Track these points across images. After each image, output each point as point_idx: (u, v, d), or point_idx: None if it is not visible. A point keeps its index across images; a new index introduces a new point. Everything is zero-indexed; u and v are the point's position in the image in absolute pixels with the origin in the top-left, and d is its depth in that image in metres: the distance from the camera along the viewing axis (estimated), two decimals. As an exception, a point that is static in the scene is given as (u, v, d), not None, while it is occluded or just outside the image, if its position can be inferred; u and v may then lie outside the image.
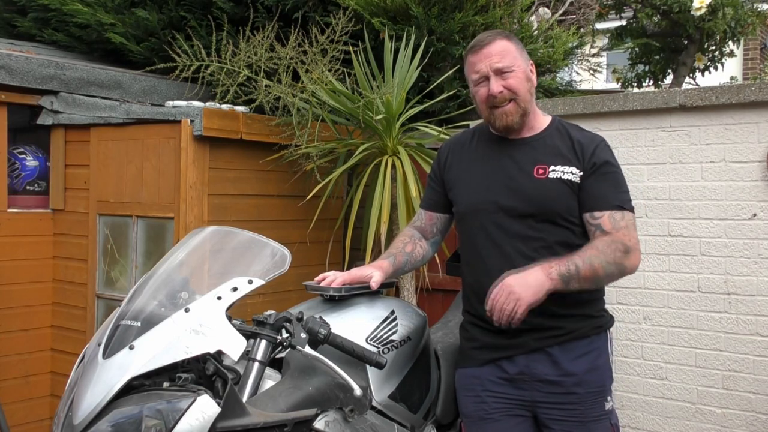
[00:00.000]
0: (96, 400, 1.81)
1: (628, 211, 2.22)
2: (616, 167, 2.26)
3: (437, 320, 2.97)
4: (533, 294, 2.06)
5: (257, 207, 3.84)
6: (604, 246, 2.15)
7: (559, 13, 5.63)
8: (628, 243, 2.17)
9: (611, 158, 2.25)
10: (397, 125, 3.67)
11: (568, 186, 2.22)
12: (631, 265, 2.19)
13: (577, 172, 2.22)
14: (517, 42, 2.29)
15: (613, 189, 2.22)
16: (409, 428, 2.42)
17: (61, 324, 3.99)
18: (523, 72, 2.25)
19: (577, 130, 2.32)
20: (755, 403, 3.29)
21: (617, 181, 2.24)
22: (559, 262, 2.12)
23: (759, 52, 10.95)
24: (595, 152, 2.23)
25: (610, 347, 2.32)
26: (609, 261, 2.14)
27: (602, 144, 2.27)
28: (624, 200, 2.23)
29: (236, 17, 4.56)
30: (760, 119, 3.30)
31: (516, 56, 2.25)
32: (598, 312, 2.32)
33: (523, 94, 2.24)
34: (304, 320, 2.08)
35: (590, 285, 2.16)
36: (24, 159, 3.97)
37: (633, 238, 2.19)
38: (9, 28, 5.75)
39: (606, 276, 2.16)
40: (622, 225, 2.19)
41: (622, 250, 2.16)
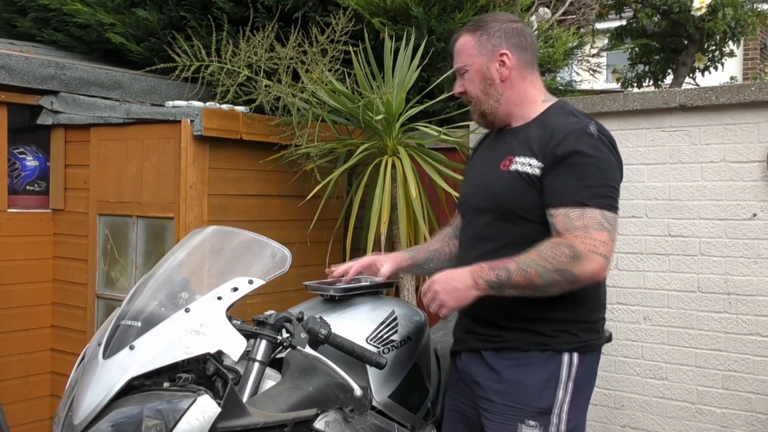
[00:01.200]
0: (96, 400, 1.82)
1: (592, 208, 1.88)
2: (589, 157, 1.92)
3: (437, 320, 2.97)
4: (456, 300, 1.96)
5: (257, 207, 3.84)
6: (547, 250, 1.88)
7: (559, 13, 5.62)
8: (578, 247, 1.85)
9: (585, 148, 1.93)
10: (397, 125, 3.67)
11: (525, 180, 1.98)
12: (583, 272, 1.86)
13: (537, 164, 1.97)
14: (482, 33, 2.10)
15: (574, 182, 1.91)
16: (409, 428, 2.42)
17: (61, 324, 3.98)
18: (477, 71, 2.10)
19: (566, 116, 2.05)
20: (755, 403, 3.29)
21: (585, 173, 1.92)
22: (492, 266, 1.92)
23: (759, 52, 10.95)
24: (563, 142, 1.95)
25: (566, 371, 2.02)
26: (549, 268, 1.86)
27: (579, 133, 1.96)
28: (588, 195, 1.89)
29: (236, 17, 4.56)
30: (760, 119, 3.30)
31: (472, 53, 2.10)
32: (553, 331, 2.02)
33: (475, 95, 2.12)
34: (304, 320, 2.08)
35: (531, 293, 1.91)
36: (24, 159, 3.97)
37: (590, 240, 1.86)
38: (9, 28, 5.75)
39: (547, 285, 1.88)
40: (578, 225, 1.87)
41: (567, 255, 1.85)
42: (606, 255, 1.87)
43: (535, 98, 2.12)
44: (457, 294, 1.96)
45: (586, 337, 2.05)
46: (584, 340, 2.05)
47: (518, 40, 2.11)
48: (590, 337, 2.07)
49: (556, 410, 2.01)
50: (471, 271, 1.96)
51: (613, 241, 1.90)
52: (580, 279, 1.88)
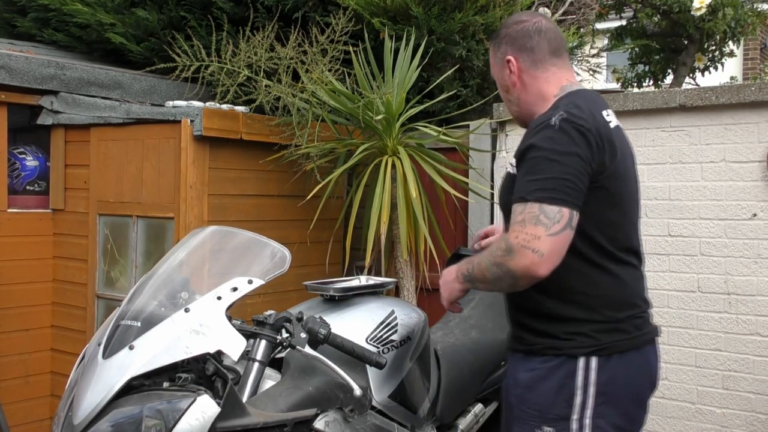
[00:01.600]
0: (96, 400, 1.82)
1: (531, 202, 1.84)
2: (543, 150, 1.88)
3: (437, 320, 2.97)
4: (448, 292, 2.11)
5: (257, 207, 3.84)
6: (493, 245, 1.94)
7: (559, 13, 5.62)
8: (511, 241, 1.84)
9: (538, 141, 1.89)
10: (397, 125, 3.67)
11: (510, 179, 2.02)
12: (516, 267, 1.83)
13: (513, 163, 2.01)
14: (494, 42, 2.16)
15: (523, 178, 1.90)
16: (409, 428, 2.42)
17: (61, 324, 3.98)
18: (498, 81, 2.20)
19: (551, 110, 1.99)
20: (755, 403, 3.29)
21: (533, 167, 1.88)
22: (469, 260, 2.03)
23: (759, 52, 10.95)
24: (526, 137, 1.96)
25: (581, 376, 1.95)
26: (491, 262, 1.91)
27: (540, 126, 1.92)
28: (529, 190, 1.86)
29: (236, 17, 4.56)
30: (760, 119, 3.30)
31: (492, 64, 2.20)
32: (565, 334, 1.96)
33: (505, 102, 2.22)
34: (304, 320, 2.08)
35: (489, 287, 2.04)
36: (24, 159, 3.97)
37: (524, 235, 1.82)
38: (9, 28, 5.75)
39: (494, 279, 1.91)
40: (518, 219, 1.86)
41: (502, 249, 1.86)
42: (538, 250, 1.81)
43: (547, 95, 2.08)
44: (447, 286, 2.11)
45: (606, 338, 1.96)
46: (603, 343, 1.95)
47: (522, 42, 2.09)
48: (614, 339, 1.97)
49: (575, 416, 1.94)
50: (457, 266, 2.08)
51: (552, 235, 1.81)
52: (516, 274, 1.85)
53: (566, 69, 2.12)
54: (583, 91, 2.07)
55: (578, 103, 1.97)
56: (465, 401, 2.70)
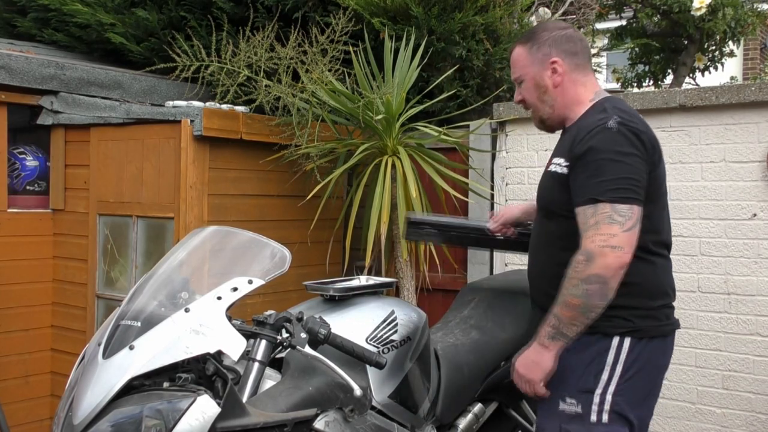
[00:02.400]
0: (96, 400, 1.82)
1: (604, 202, 1.94)
2: (605, 153, 1.98)
3: (437, 320, 2.97)
4: (541, 371, 2.05)
5: (257, 207, 3.84)
6: (569, 271, 1.97)
7: (559, 13, 5.63)
8: (588, 247, 1.93)
9: (601, 144, 1.99)
10: (397, 125, 3.67)
11: (556, 179, 2.10)
12: (604, 269, 1.91)
13: (564, 163, 2.08)
14: (532, 43, 2.21)
15: (589, 179, 1.98)
16: (409, 428, 2.42)
17: (61, 324, 3.98)
18: (531, 80, 2.21)
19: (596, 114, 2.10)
20: (755, 403, 3.29)
21: (599, 169, 1.97)
22: (544, 323, 2.03)
23: (759, 52, 10.95)
24: (584, 139, 2.03)
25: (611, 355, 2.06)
26: (576, 284, 1.94)
27: (597, 128, 2.02)
28: (600, 190, 1.95)
29: (236, 17, 4.56)
30: (760, 119, 3.30)
31: (525, 63, 2.21)
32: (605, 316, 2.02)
33: (533, 103, 2.24)
34: (304, 320, 2.08)
35: (584, 317, 1.96)
36: (24, 159, 3.97)
37: (599, 236, 1.92)
38: (9, 28, 5.75)
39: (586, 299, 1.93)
40: (591, 224, 1.95)
41: (582, 261, 1.93)
42: (619, 246, 1.92)
43: (583, 99, 2.19)
44: (538, 366, 2.05)
45: (641, 323, 2.09)
46: (638, 326, 2.08)
47: (568, 46, 2.19)
48: (647, 324, 2.10)
49: (598, 390, 2.05)
50: (535, 340, 2.07)
51: (627, 231, 1.93)
52: (605, 276, 1.92)
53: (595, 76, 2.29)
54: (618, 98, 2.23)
55: (623, 107, 2.10)
56: (465, 401, 2.70)
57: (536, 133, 3.84)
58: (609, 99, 2.18)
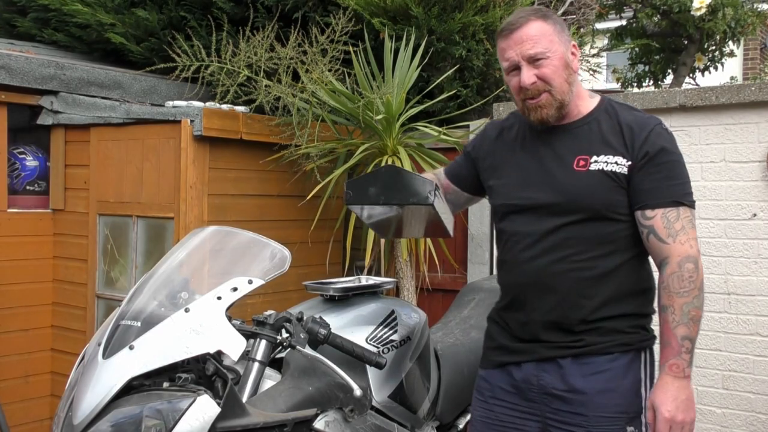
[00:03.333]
0: (96, 400, 1.82)
1: (685, 206, 1.92)
2: (675, 155, 1.94)
3: (437, 320, 2.97)
4: (693, 406, 1.87)
5: (257, 207, 3.84)
6: (679, 284, 1.87)
7: (559, 13, 5.62)
8: (691, 253, 1.89)
9: (669, 144, 1.94)
10: (397, 125, 3.67)
11: (612, 179, 1.93)
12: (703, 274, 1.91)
13: (624, 162, 1.93)
14: (555, 21, 1.99)
15: (667, 181, 1.91)
16: (409, 428, 2.42)
17: (61, 324, 3.98)
18: (560, 58, 1.96)
19: (628, 111, 2.02)
20: (755, 403, 3.29)
21: (674, 171, 1.93)
22: (675, 352, 1.85)
23: (759, 52, 10.94)
24: (649, 138, 1.93)
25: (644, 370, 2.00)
26: (697, 294, 1.87)
27: (657, 128, 1.95)
28: (680, 194, 1.92)
29: (236, 17, 4.56)
30: (760, 119, 3.30)
31: (553, 39, 1.95)
32: (631, 327, 1.98)
33: (559, 84, 1.96)
34: (304, 320, 2.08)
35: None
36: (24, 159, 3.97)
37: (693, 240, 1.90)
38: (9, 28, 5.75)
39: (702, 308, 1.90)
40: (678, 228, 1.90)
41: (694, 270, 1.88)
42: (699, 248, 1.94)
43: (584, 94, 2.07)
44: (689, 400, 1.86)
45: (652, 331, 2.04)
46: (653, 335, 2.03)
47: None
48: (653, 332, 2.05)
49: (644, 410, 1.96)
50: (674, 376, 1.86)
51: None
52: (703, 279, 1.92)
53: None
54: None
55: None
56: (465, 401, 2.70)
57: (536, 133, 3.84)
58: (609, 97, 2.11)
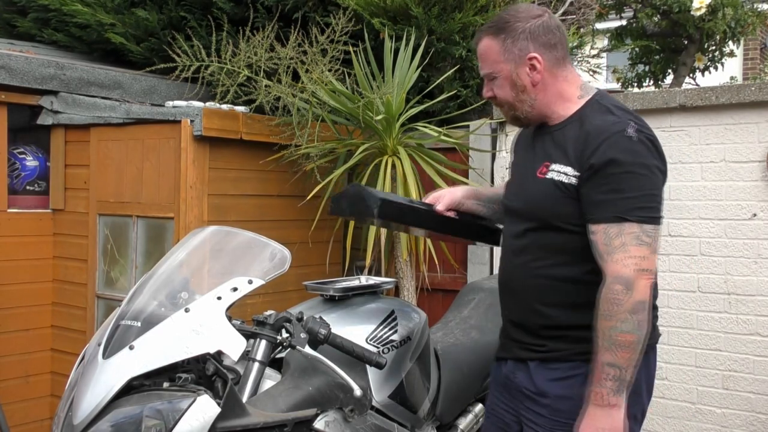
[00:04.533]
0: (96, 400, 1.82)
1: (631, 222, 1.77)
2: (627, 166, 1.79)
3: (437, 320, 2.97)
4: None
5: (257, 207, 3.84)
6: (605, 306, 1.77)
7: (559, 13, 5.62)
8: (623, 273, 1.76)
9: (622, 155, 1.80)
10: (397, 125, 3.67)
11: (561, 189, 1.88)
12: (643, 294, 1.76)
13: (572, 173, 1.86)
14: (506, 36, 1.93)
15: (613, 194, 1.80)
16: (409, 428, 2.42)
17: (61, 324, 3.98)
18: (505, 78, 1.95)
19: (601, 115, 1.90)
20: (755, 403, 3.29)
21: (623, 184, 1.79)
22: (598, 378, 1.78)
23: (759, 52, 10.94)
24: (599, 148, 1.82)
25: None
26: (624, 319, 1.75)
27: (616, 136, 1.82)
28: (626, 209, 1.78)
29: (236, 17, 4.56)
30: (760, 119, 3.30)
31: (497, 58, 1.95)
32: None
33: (506, 101, 1.98)
34: (304, 320, 2.08)
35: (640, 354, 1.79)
36: (24, 159, 3.97)
37: (632, 260, 1.76)
38: (9, 28, 5.75)
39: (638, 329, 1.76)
40: (616, 245, 1.77)
41: (622, 292, 1.76)
42: (648, 269, 1.78)
43: (570, 95, 1.97)
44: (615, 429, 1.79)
45: None
46: None
47: (546, 38, 1.94)
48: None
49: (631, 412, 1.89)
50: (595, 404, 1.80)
51: (654, 253, 1.80)
52: (646, 302, 1.78)
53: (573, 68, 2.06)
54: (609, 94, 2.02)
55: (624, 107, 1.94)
56: (465, 401, 2.70)
57: (536, 133, 3.84)
58: (603, 96, 1.98)
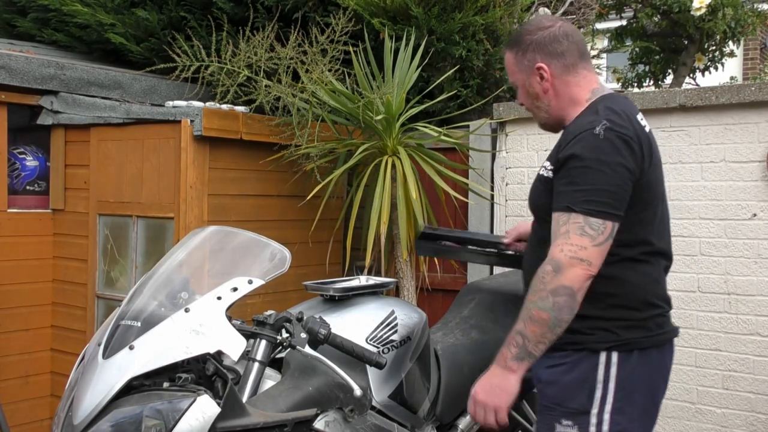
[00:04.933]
0: (96, 400, 1.82)
1: (576, 213, 1.85)
2: (585, 160, 1.87)
3: (437, 320, 2.97)
4: (507, 396, 1.90)
5: (257, 207, 3.84)
6: (534, 282, 1.86)
7: (559, 13, 5.63)
8: (556, 257, 1.83)
9: (583, 150, 1.88)
10: (397, 125, 3.67)
11: (543, 182, 2.02)
12: (571, 281, 1.82)
13: (550, 167, 1.99)
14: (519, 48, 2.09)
15: (568, 186, 1.89)
16: (409, 428, 2.42)
17: (61, 324, 3.98)
18: (521, 87, 2.12)
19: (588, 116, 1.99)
20: (755, 403, 3.29)
21: (578, 177, 1.87)
22: (507, 342, 1.89)
23: (759, 52, 10.94)
24: (569, 144, 1.92)
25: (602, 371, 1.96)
26: (543, 296, 1.83)
27: (584, 134, 1.91)
28: (576, 200, 1.86)
29: (236, 17, 4.56)
30: (760, 119, 3.30)
31: (514, 70, 2.12)
32: (589, 329, 1.96)
33: (529, 108, 2.15)
34: (304, 320, 2.08)
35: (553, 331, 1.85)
36: (24, 159, 3.97)
37: (570, 247, 1.83)
38: (9, 28, 5.75)
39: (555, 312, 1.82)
40: (561, 232, 1.86)
41: (550, 272, 1.83)
42: (587, 259, 1.83)
43: (579, 99, 2.07)
44: (500, 389, 1.90)
45: (628, 334, 1.98)
46: (625, 338, 1.97)
47: (552, 48, 2.05)
48: (635, 335, 1.99)
49: (594, 410, 1.95)
50: (496, 362, 1.93)
51: (597, 246, 1.83)
52: (573, 289, 1.82)
53: (593, 72, 2.13)
54: (615, 96, 2.08)
55: (616, 109, 1.97)
56: (465, 401, 2.69)
57: (536, 133, 3.85)
58: (605, 98, 2.05)
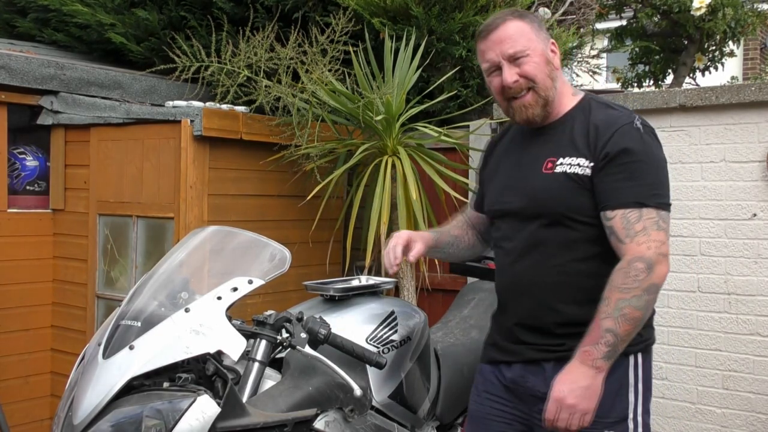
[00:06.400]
0: (96, 400, 1.82)
1: (650, 207, 1.85)
2: (640, 155, 1.88)
3: (437, 320, 2.97)
4: (596, 396, 1.82)
5: (257, 207, 3.84)
6: (622, 279, 1.81)
7: (559, 13, 5.62)
8: (646, 254, 1.81)
9: (634, 144, 1.88)
10: (397, 125, 3.67)
11: (575, 181, 1.91)
12: (661, 277, 1.83)
13: (586, 164, 1.90)
14: (532, 20, 2.00)
15: (628, 182, 1.86)
16: (409, 428, 2.42)
17: (61, 324, 3.98)
18: (540, 55, 1.96)
19: (603, 109, 1.98)
20: (755, 403, 3.29)
21: (638, 171, 1.87)
22: (593, 339, 1.81)
23: (759, 52, 10.94)
24: (612, 138, 1.89)
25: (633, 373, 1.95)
26: (638, 294, 1.80)
27: (626, 127, 1.90)
28: (645, 195, 1.86)
29: (236, 17, 4.55)
30: (760, 119, 3.30)
31: (531, 37, 1.96)
32: None
33: (542, 80, 1.96)
34: (304, 320, 2.08)
35: (636, 333, 1.84)
36: (24, 159, 3.97)
37: (654, 243, 1.83)
38: (9, 28, 5.75)
39: (645, 310, 1.83)
40: (638, 229, 1.84)
41: (643, 270, 1.81)
42: (667, 254, 1.86)
43: (567, 91, 2.05)
44: (591, 390, 1.82)
45: (647, 334, 1.99)
46: (645, 338, 1.98)
47: None
48: (650, 334, 2.02)
49: (630, 415, 1.94)
50: (581, 361, 1.84)
51: (668, 238, 1.89)
52: (660, 286, 1.84)
53: None
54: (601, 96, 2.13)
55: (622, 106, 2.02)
56: (465, 401, 2.69)
57: (536, 133, 3.84)
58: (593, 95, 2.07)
